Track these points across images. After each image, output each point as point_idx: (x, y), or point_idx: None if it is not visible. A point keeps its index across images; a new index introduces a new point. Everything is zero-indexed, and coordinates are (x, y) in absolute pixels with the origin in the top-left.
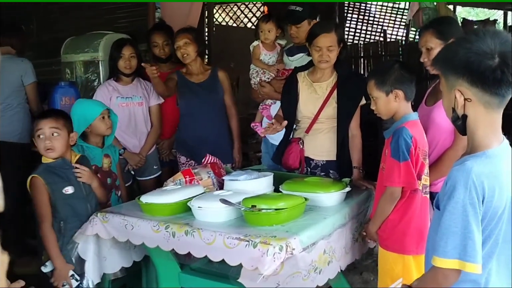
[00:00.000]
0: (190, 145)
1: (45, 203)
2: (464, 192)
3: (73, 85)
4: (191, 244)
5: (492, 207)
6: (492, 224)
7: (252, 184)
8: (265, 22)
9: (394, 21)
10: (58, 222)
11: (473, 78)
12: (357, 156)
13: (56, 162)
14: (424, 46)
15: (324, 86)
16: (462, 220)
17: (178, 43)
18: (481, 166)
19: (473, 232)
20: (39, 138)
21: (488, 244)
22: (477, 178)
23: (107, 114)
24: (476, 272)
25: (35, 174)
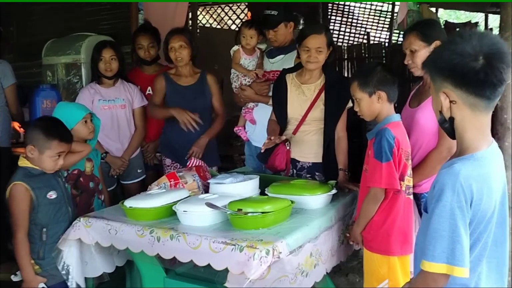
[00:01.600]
0: (175, 148)
1: (23, 211)
2: (452, 196)
3: (54, 88)
4: (176, 249)
5: (480, 210)
6: (480, 227)
7: (237, 187)
8: (248, 28)
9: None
10: (40, 229)
11: (457, 80)
12: (343, 158)
13: (36, 168)
14: (408, 48)
15: (312, 88)
16: (450, 224)
17: (173, 44)
18: (469, 169)
19: (461, 236)
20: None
21: (477, 248)
22: (465, 181)
23: (89, 118)
24: (464, 276)
25: (17, 181)
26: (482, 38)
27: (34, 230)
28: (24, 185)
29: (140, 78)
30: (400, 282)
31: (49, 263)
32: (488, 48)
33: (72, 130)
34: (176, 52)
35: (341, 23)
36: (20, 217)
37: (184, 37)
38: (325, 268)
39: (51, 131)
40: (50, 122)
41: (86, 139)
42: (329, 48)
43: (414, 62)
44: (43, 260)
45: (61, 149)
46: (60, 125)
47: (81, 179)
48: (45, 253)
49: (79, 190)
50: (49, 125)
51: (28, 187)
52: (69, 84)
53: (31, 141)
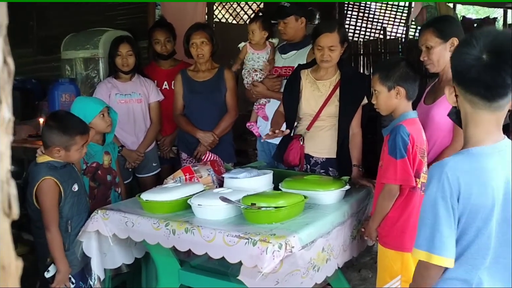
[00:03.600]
0: (191, 142)
1: (55, 204)
2: (436, 186)
3: (73, 82)
4: (191, 242)
5: (471, 204)
6: (476, 222)
7: (251, 182)
8: (251, 23)
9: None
10: (66, 222)
11: (455, 76)
12: (357, 154)
13: (58, 161)
14: (424, 45)
15: (327, 84)
16: (432, 213)
17: (195, 40)
18: (459, 163)
19: (442, 225)
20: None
21: (476, 244)
22: (451, 173)
23: (106, 112)
24: (442, 265)
25: (46, 176)
26: (490, 36)
27: (61, 222)
28: (53, 179)
29: (157, 72)
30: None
31: (72, 254)
32: (493, 47)
33: (90, 124)
34: (198, 48)
35: (357, 18)
36: (52, 211)
37: (205, 33)
38: (337, 263)
39: (70, 129)
40: (64, 120)
41: (103, 132)
42: (343, 45)
43: (430, 58)
44: (68, 251)
45: (85, 140)
46: (74, 118)
47: (99, 172)
48: (69, 245)
49: (97, 183)
50: (66, 124)
51: (56, 181)
52: (87, 78)
53: (53, 143)
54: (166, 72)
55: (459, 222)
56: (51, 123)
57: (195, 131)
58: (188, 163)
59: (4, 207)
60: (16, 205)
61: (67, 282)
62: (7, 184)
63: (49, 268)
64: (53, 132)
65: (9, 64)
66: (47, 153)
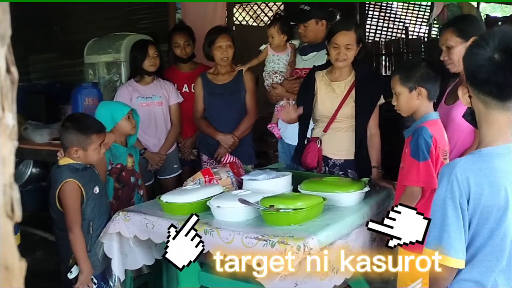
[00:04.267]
0: (211, 144)
1: (78, 207)
2: (446, 186)
3: (95, 86)
4: (210, 243)
5: (482, 205)
6: (488, 223)
7: (270, 184)
8: (269, 27)
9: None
10: (87, 223)
11: (467, 75)
12: (376, 155)
13: (79, 163)
14: (444, 45)
15: (343, 85)
16: (441, 214)
17: (221, 43)
18: (469, 163)
19: (450, 226)
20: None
21: (489, 245)
22: (461, 174)
23: (131, 114)
24: (450, 265)
25: (68, 179)
26: (502, 36)
27: (83, 224)
28: (75, 182)
29: (177, 75)
30: None
31: (94, 255)
32: (505, 47)
33: (117, 125)
34: (224, 51)
35: (379, 18)
36: (75, 213)
37: (230, 37)
38: None
39: (86, 128)
40: (80, 120)
41: (129, 134)
42: (359, 45)
43: (451, 58)
44: (90, 252)
45: (101, 139)
46: (90, 118)
47: (123, 174)
48: (91, 246)
49: (122, 184)
50: (82, 123)
51: (79, 183)
52: (109, 82)
53: (71, 144)
54: (186, 75)
55: (471, 223)
56: (68, 124)
57: (215, 133)
58: (209, 165)
59: (7, 210)
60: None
61: (90, 283)
62: (10, 188)
63: (72, 269)
64: (70, 132)
65: (13, 73)
66: (66, 155)
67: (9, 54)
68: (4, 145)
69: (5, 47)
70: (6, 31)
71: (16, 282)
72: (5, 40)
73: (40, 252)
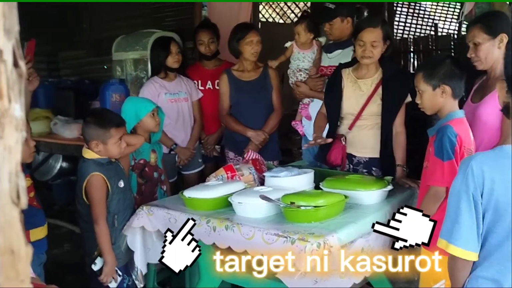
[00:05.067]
0: (238, 141)
1: (103, 200)
2: (461, 179)
3: (122, 83)
4: (231, 239)
5: (495, 200)
6: (504, 221)
7: (292, 181)
8: (296, 24)
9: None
10: (112, 216)
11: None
12: (401, 153)
13: (104, 158)
14: (471, 41)
15: (369, 83)
16: (455, 205)
17: (252, 38)
18: (487, 157)
19: (462, 217)
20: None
21: (507, 245)
22: (476, 168)
23: (156, 112)
24: (460, 256)
25: (95, 172)
26: None
27: (108, 217)
28: (101, 175)
29: (201, 72)
30: None
31: (117, 247)
32: None
33: (141, 121)
34: (254, 46)
35: (407, 15)
36: (101, 206)
37: (258, 32)
38: None
39: (105, 122)
40: (99, 115)
41: (152, 131)
42: (386, 42)
43: (478, 55)
44: (114, 245)
45: (121, 133)
46: (109, 113)
47: (146, 169)
48: (116, 239)
49: (144, 179)
50: (101, 117)
51: (104, 177)
52: (136, 78)
53: (91, 137)
54: (210, 72)
55: (484, 218)
56: (88, 118)
57: (245, 130)
58: (236, 162)
59: (12, 197)
60: (25, 195)
61: (115, 274)
62: (16, 176)
63: (96, 260)
64: (90, 126)
65: (20, 66)
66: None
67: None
68: (10, 135)
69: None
70: (13, 26)
71: (22, 266)
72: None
73: (68, 245)
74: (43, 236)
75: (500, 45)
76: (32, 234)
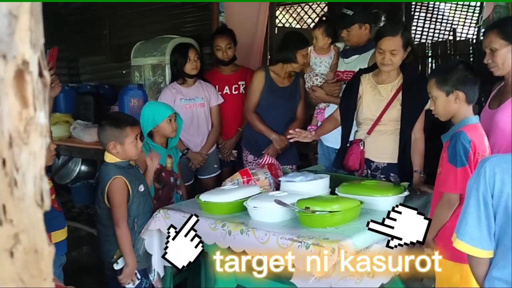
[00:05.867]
0: (259, 145)
1: (124, 203)
2: (475, 178)
3: (141, 88)
4: (246, 243)
5: (505, 202)
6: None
7: (307, 186)
8: (314, 29)
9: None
10: (132, 220)
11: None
12: (418, 160)
13: (124, 162)
14: (488, 47)
15: (389, 88)
16: (466, 202)
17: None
18: (502, 160)
19: (469, 214)
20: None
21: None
22: (490, 169)
23: (174, 118)
24: (464, 250)
25: (117, 175)
26: None
27: (128, 220)
28: (123, 178)
29: (218, 78)
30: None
31: (136, 251)
32: None
33: (158, 126)
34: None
35: (425, 19)
36: (122, 209)
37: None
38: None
39: (120, 122)
40: (113, 116)
41: (168, 137)
42: (406, 49)
43: (494, 61)
44: (133, 247)
45: (136, 131)
46: (122, 114)
47: (163, 174)
48: (134, 241)
49: (161, 184)
50: (115, 119)
51: (126, 180)
52: (154, 83)
53: (109, 139)
54: (227, 77)
55: (496, 219)
56: (103, 122)
57: (270, 132)
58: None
59: (37, 200)
60: (48, 198)
61: (134, 277)
62: (41, 180)
63: (118, 260)
64: (105, 129)
65: (45, 76)
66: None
67: (42, 59)
68: (35, 141)
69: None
70: (39, 39)
71: (45, 265)
72: (38, 47)
73: (86, 247)
74: (63, 238)
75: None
76: (53, 236)
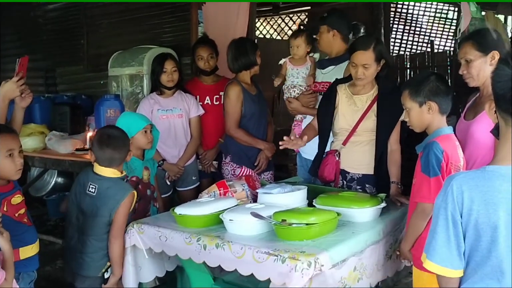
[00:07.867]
0: (250, 156)
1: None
2: (442, 196)
3: (117, 98)
4: (222, 257)
5: (475, 220)
6: (484, 241)
7: (285, 198)
8: (294, 37)
9: (442, 31)
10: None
11: (492, 91)
12: (395, 171)
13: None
14: (463, 58)
15: (364, 99)
16: (434, 222)
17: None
18: (468, 177)
19: (438, 234)
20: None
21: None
22: (457, 187)
23: (149, 129)
24: (433, 270)
25: (133, 190)
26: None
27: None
28: (135, 193)
29: (199, 87)
30: None
31: None
32: None
33: (132, 138)
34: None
35: (403, 31)
36: (126, 221)
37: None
38: (369, 282)
39: (122, 148)
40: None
41: (143, 148)
42: (379, 63)
43: (469, 72)
44: None
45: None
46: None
47: (140, 187)
48: None
49: (138, 197)
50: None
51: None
52: (132, 94)
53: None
54: (208, 87)
55: (466, 237)
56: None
57: (258, 142)
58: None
59: None
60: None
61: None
62: None
63: (108, 269)
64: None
65: None
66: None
67: None
68: None
69: None
70: None
71: None
72: None
73: (60, 261)
74: (34, 253)
75: (492, 62)
76: (22, 252)
